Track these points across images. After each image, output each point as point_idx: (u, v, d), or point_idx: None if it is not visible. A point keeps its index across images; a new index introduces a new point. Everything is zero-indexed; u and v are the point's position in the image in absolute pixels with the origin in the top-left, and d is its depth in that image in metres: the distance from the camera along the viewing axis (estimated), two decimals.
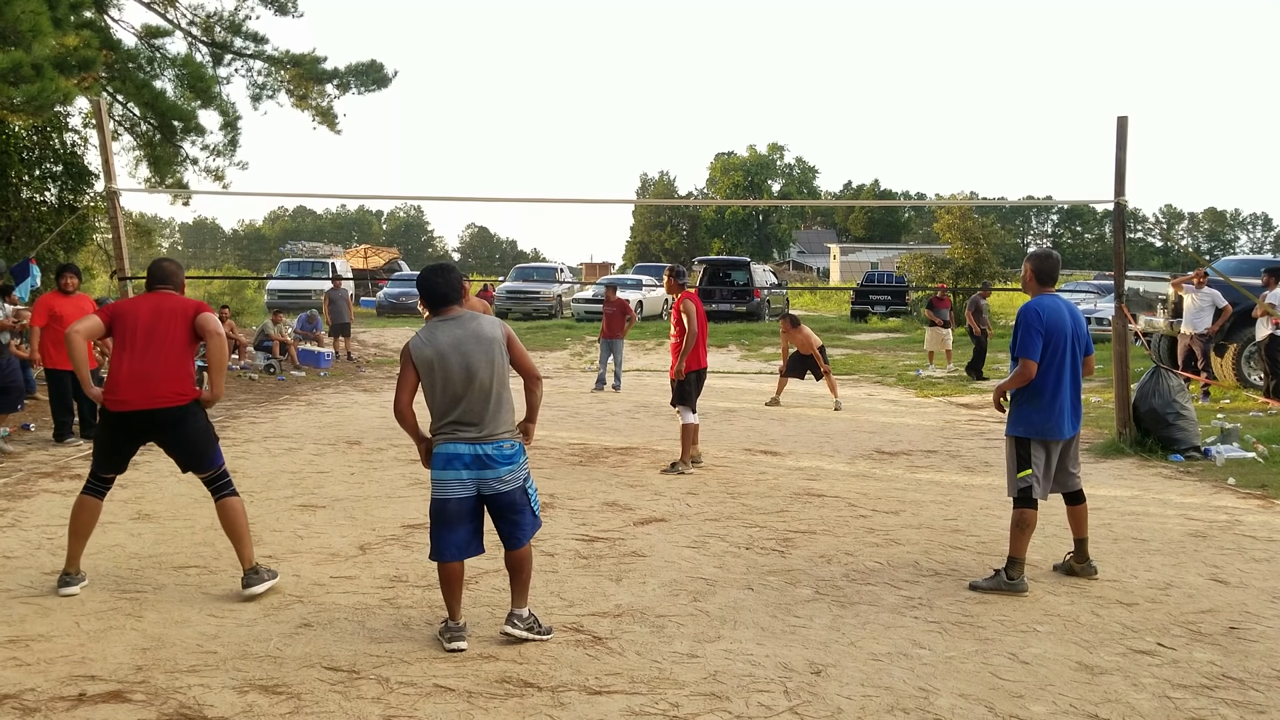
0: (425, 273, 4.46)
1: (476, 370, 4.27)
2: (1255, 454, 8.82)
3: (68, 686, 3.88)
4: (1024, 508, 5.18)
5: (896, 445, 9.99)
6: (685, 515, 6.86)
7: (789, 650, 4.34)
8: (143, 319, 4.97)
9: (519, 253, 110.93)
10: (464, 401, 4.27)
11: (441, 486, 4.33)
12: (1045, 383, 5.14)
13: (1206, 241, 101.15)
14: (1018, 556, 5.16)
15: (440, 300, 4.41)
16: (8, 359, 9.17)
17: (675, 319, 8.54)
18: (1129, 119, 8.94)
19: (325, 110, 18.32)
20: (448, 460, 4.30)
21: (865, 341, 22.98)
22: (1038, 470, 5.18)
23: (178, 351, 4.97)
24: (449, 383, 4.28)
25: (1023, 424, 5.20)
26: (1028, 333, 5.12)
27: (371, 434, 10.41)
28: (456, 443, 4.29)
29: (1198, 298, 12.52)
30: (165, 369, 4.93)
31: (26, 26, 10.45)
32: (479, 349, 4.29)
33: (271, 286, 28.25)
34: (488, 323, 4.40)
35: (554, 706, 3.75)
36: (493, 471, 4.30)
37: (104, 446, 5.07)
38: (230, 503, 5.09)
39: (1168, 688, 3.97)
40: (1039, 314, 5.14)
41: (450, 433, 4.30)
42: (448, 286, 4.40)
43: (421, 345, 4.32)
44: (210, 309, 5.16)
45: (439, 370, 4.27)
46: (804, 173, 78.01)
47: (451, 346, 4.28)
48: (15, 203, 16.42)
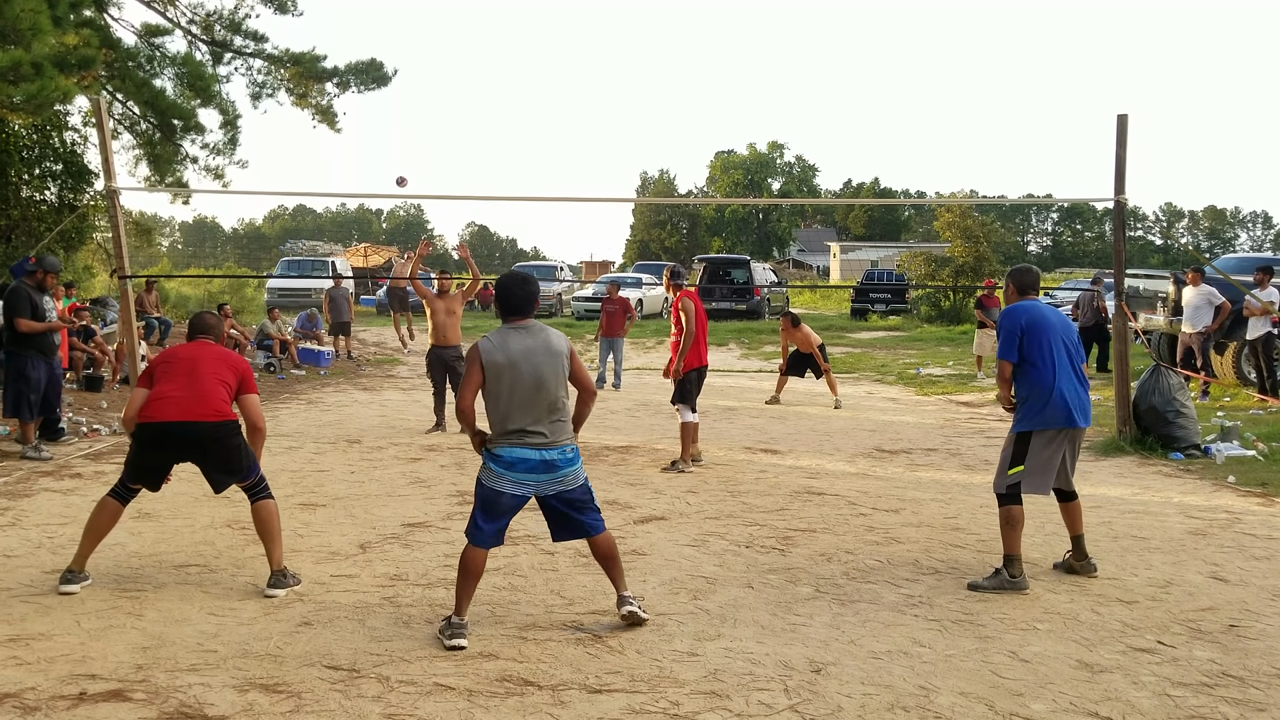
0: (507, 280, 4.60)
1: (545, 379, 4.42)
2: (1255, 452, 8.82)
3: (68, 685, 3.88)
4: (1011, 505, 5.24)
5: (896, 443, 9.99)
6: (685, 514, 6.86)
7: (789, 648, 4.34)
8: (183, 360, 5.16)
9: (519, 251, 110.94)
10: (532, 409, 4.41)
11: (500, 481, 4.44)
12: (1042, 376, 5.22)
13: (1206, 240, 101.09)
14: (1013, 554, 5.19)
15: (515, 309, 4.55)
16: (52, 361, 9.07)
17: (675, 318, 8.56)
18: (1129, 117, 8.95)
19: (325, 109, 18.30)
20: (513, 463, 4.42)
21: (865, 340, 22.98)
22: (1036, 465, 5.23)
23: (218, 386, 5.10)
24: (517, 389, 4.40)
25: (1025, 418, 5.26)
26: (1003, 336, 5.33)
27: (371, 432, 10.41)
28: (525, 448, 4.41)
29: (1196, 295, 12.52)
30: (205, 393, 5.05)
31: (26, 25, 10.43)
32: (548, 360, 4.44)
33: (272, 285, 28.23)
34: (555, 336, 4.56)
35: (554, 705, 3.75)
36: (556, 474, 4.47)
37: (133, 459, 5.13)
38: (266, 504, 5.18)
39: (1168, 685, 3.98)
40: (1013, 316, 5.32)
41: (518, 438, 4.41)
42: (525, 298, 4.55)
43: (492, 349, 4.44)
44: (255, 389, 5.33)
45: (507, 376, 4.40)
46: (804, 171, 77.95)
47: (523, 355, 4.42)
48: (15, 201, 16.43)
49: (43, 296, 9.02)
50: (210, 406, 5.03)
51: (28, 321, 8.69)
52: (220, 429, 5.05)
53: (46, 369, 8.89)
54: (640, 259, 59.49)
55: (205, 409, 5.01)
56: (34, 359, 8.76)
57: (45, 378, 8.87)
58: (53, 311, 9.39)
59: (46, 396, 8.93)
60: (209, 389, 5.06)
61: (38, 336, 8.80)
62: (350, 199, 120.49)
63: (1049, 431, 5.23)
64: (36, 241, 14.90)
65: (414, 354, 19.58)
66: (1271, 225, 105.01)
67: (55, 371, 9.16)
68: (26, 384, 8.69)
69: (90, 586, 5.07)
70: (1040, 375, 5.22)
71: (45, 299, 9.09)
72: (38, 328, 8.78)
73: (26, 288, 8.84)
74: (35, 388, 8.74)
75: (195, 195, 28.45)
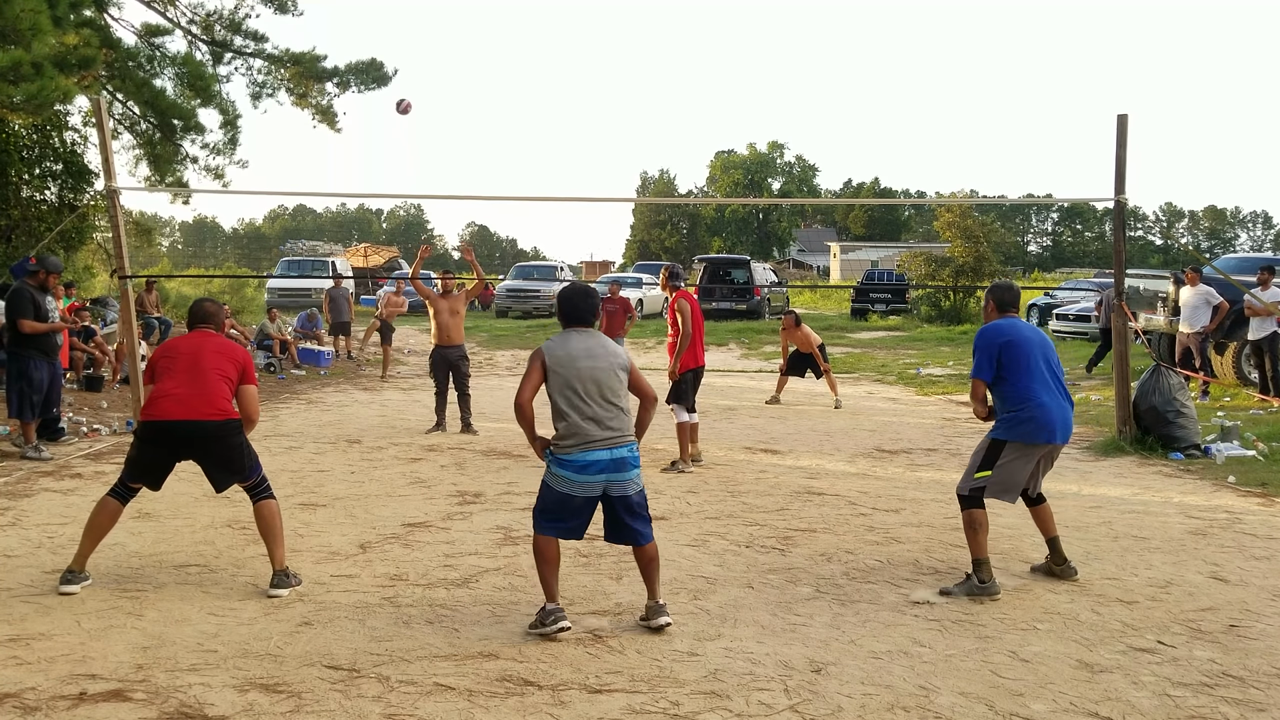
0: (570, 293, 4.73)
1: (606, 376, 4.52)
2: (1255, 452, 8.82)
3: (68, 685, 3.88)
4: (973, 509, 5.18)
5: (897, 443, 9.99)
6: (685, 514, 6.86)
7: (789, 648, 4.34)
8: (185, 354, 5.10)
9: (519, 251, 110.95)
10: (593, 407, 4.47)
11: (570, 485, 4.47)
12: (1023, 392, 5.15)
13: (1207, 240, 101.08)
14: (981, 557, 5.12)
15: (576, 319, 4.67)
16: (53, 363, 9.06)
17: (671, 318, 8.56)
18: (1129, 117, 8.95)
19: (325, 109, 18.30)
20: (583, 467, 4.46)
21: (865, 340, 22.98)
22: (1004, 474, 5.18)
23: (221, 383, 5.07)
24: (581, 386, 4.47)
25: (1003, 428, 5.21)
26: (979, 355, 5.29)
27: (371, 432, 10.41)
28: (597, 449, 4.45)
29: (1193, 296, 12.52)
30: (206, 391, 5.02)
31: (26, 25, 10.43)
32: (607, 358, 4.56)
33: (272, 285, 28.24)
34: (614, 344, 4.69)
35: (555, 705, 3.75)
36: (625, 474, 4.52)
37: (135, 457, 5.12)
38: (268, 504, 5.16)
39: (1168, 685, 3.97)
40: (988, 335, 5.28)
41: (587, 441, 4.45)
42: (587, 309, 4.69)
43: (554, 347, 4.56)
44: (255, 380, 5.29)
45: (571, 373, 4.48)
46: (804, 171, 77.94)
47: (584, 353, 4.54)
48: (15, 201, 16.43)
49: (45, 297, 9.02)
50: (214, 405, 5.00)
51: (31, 322, 8.69)
52: (223, 428, 5.03)
53: (49, 369, 8.89)
54: (640, 259, 59.46)
55: (209, 408, 4.99)
56: (36, 359, 8.76)
57: (48, 378, 8.87)
58: (55, 312, 9.39)
59: (48, 397, 8.93)
60: (212, 386, 5.03)
61: (40, 337, 8.79)
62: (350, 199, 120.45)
63: (1025, 445, 5.17)
64: (36, 241, 14.90)
65: (414, 354, 19.58)
66: (1271, 225, 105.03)
67: (57, 372, 9.15)
68: (29, 384, 8.69)
69: (90, 586, 5.07)
70: (1022, 391, 5.15)
71: (48, 299, 9.09)
72: (41, 328, 8.78)
73: (29, 288, 8.84)
74: (38, 388, 8.74)
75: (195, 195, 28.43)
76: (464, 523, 6.55)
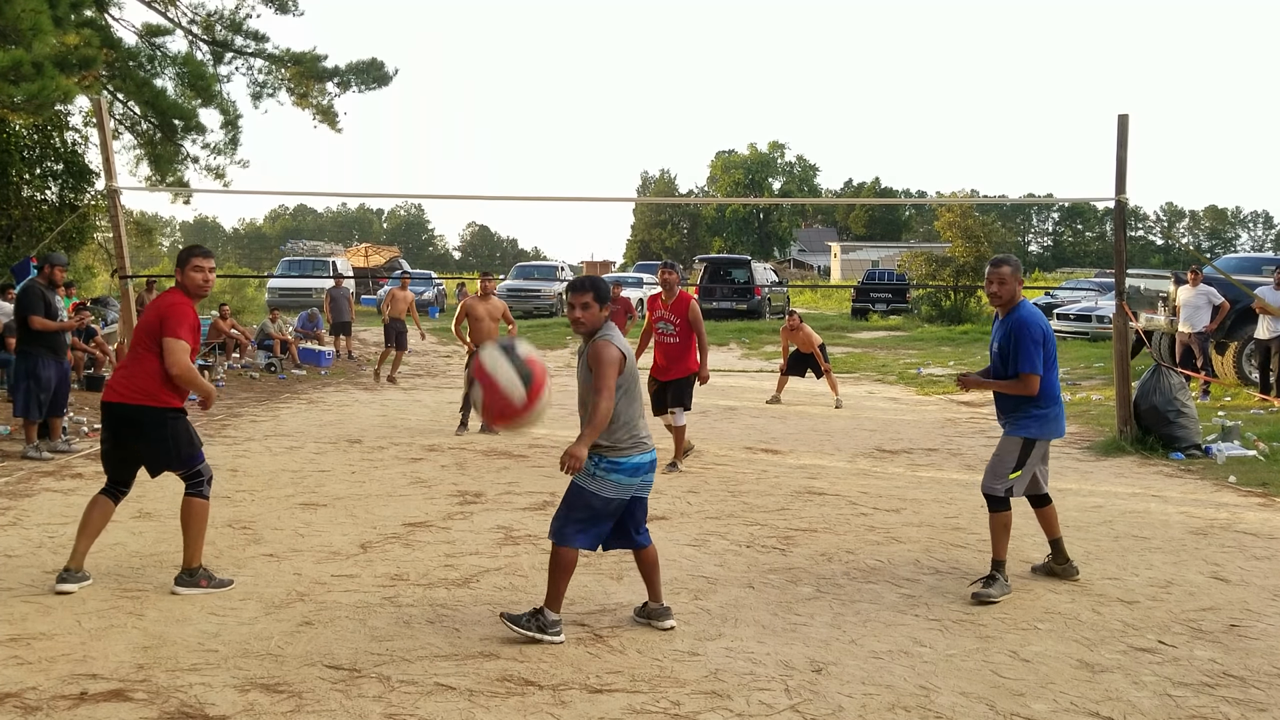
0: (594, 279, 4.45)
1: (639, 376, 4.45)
2: (1256, 452, 8.82)
3: (69, 685, 3.88)
4: (1004, 510, 5.13)
5: (897, 443, 9.99)
6: (686, 513, 6.86)
7: (790, 648, 4.34)
8: (135, 329, 4.96)
9: (519, 251, 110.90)
10: (639, 405, 4.39)
11: (618, 489, 4.33)
12: (1052, 385, 5.13)
13: (1207, 239, 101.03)
14: (1003, 558, 5.12)
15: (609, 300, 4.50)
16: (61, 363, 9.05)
17: (681, 318, 8.46)
18: (1130, 117, 8.95)
19: (326, 108, 18.33)
20: (635, 469, 4.35)
21: (866, 340, 22.98)
22: (1030, 474, 5.18)
23: (145, 357, 4.88)
24: (636, 385, 4.40)
25: (1035, 426, 5.13)
26: (1034, 347, 5.02)
27: (372, 432, 10.42)
28: (647, 451, 4.38)
29: (1194, 295, 12.52)
30: (131, 371, 4.89)
31: (27, 25, 10.45)
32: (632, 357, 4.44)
33: (272, 285, 28.27)
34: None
35: (555, 705, 3.75)
36: (652, 475, 4.47)
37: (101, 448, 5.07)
38: (196, 501, 5.02)
39: (1169, 685, 3.97)
40: (1043, 324, 5.08)
41: (639, 441, 4.35)
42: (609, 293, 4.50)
43: (624, 345, 4.35)
44: (183, 311, 4.89)
45: (630, 372, 4.35)
46: (805, 171, 77.96)
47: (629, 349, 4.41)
48: (16, 201, 16.45)
49: (54, 295, 9.02)
50: (132, 387, 4.84)
51: (42, 320, 8.69)
52: (140, 413, 4.84)
53: (57, 369, 8.90)
54: (641, 259, 59.46)
55: (129, 390, 4.84)
56: (45, 358, 8.76)
57: (56, 377, 8.88)
58: (64, 311, 9.40)
59: (55, 396, 8.95)
60: (136, 366, 4.86)
61: (49, 336, 8.80)
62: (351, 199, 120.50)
63: (1047, 441, 5.19)
64: (37, 241, 14.92)
65: (414, 354, 19.57)
66: (1272, 225, 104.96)
67: (65, 371, 9.16)
68: (37, 383, 8.70)
69: (91, 586, 5.07)
70: (1052, 387, 5.11)
71: (57, 298, 9.10)
72: (52, 326, 8.79)
73: (40, 286, 8.84)
74: (46, 387, 8.75)
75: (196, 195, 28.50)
76: (465, 523, 6.55)
